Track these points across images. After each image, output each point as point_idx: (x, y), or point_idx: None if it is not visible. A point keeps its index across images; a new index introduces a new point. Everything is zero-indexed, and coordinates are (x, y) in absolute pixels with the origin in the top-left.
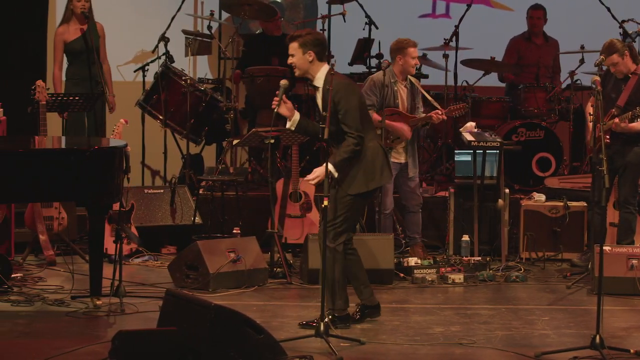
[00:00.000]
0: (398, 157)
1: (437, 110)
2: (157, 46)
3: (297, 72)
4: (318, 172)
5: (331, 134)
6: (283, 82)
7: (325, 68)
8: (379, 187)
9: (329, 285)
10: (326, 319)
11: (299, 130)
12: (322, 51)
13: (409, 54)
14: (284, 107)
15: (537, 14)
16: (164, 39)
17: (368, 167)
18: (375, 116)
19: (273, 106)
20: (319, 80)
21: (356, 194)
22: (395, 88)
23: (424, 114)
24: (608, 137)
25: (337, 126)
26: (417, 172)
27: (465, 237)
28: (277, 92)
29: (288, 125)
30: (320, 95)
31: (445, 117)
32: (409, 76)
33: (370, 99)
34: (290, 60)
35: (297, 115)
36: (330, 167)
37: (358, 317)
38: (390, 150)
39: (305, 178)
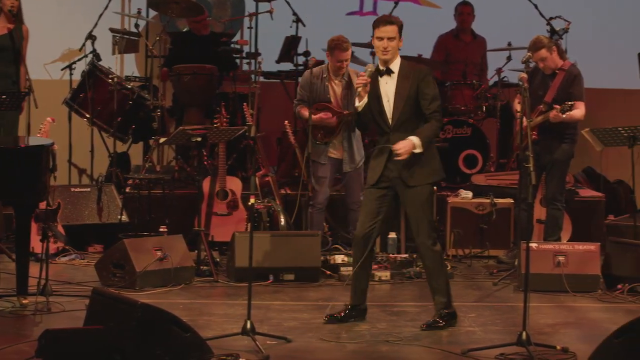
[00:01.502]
0: (335, 152)
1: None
2: (84, 44)
3: (386, 56)
4: (404, 144)
5: (401, 121)
6: (370, 66)
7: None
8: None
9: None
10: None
11: (363, 114)
12: None
13: (335, 55)
14: (365, 89)
15: (466, 10)
16: (91, 37)
17: (436, 158)
18: (303, 111)
19: (360, 84)
20: (396, 65)
21: (432, 182)
22: (327, 83)
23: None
24: (535, 133)
25: (409, 114)
26: (357, 168)
27: (392, 235)
28: (366, 72)
29: (357, 104)
30: (393, 81)
31: None
32: (350, 72)
33: (299, 94)
34: (387, 43)
35: (366, 98)
36: (417, 141)
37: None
38: (326, 145)
39: (394, 147)
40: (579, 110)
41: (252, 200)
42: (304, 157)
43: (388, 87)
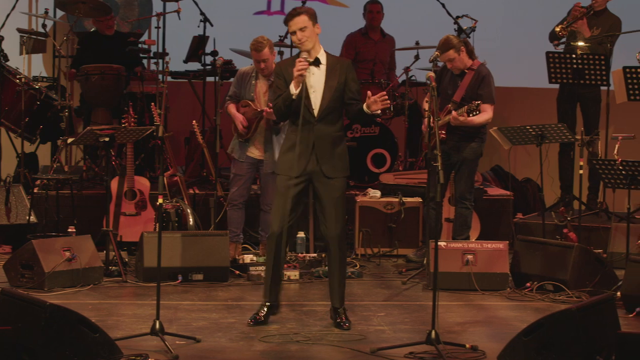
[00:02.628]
0: (254, 152)
1: (265, 108)
2: None
3: (305, 46)
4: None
5: (326, 112)
6: (305, 53)
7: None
8: None
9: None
10: None
11: (296, 102)
12: None
13: (253, 56)
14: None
15: (375, 8)
16: None
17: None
18: (229, 108)
19: (300, 70)
20: (323, 57)
21: (347, 176)
22: (254, 82)
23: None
24: (444, 132)
25: (334, 105)
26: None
27: (301, 234)
28: (302, 58)
29: (295, 91)
30: (321, 72)
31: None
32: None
33: (231, 90)
34: (301, 34)
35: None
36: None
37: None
38: (247, 144)
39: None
40: (481, 116)
41: (160, 200)
42: (212, 156)
43: (315, 77)
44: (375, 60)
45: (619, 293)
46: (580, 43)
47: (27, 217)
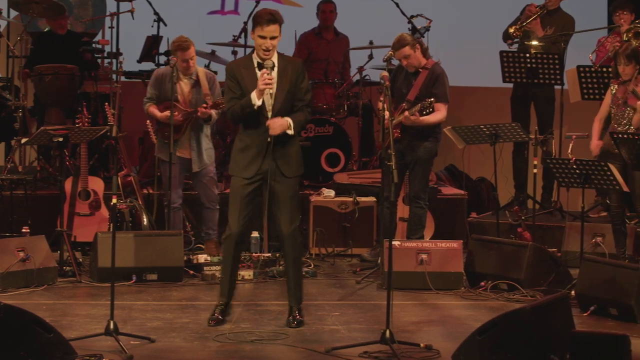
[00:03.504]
0: (182, 151)
1: (203, 105)
2: None
3: (269, 55)
4: (280, 122)
5: (279, 114)
6: (269, 62)
7: None
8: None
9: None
10: None
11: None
12: None
13: (179, 56)
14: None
15: (328, 7)
16: None
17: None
18: (152, 109)
19: (266, 83)
20: (275, 59)
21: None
22: (175, 82)
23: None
24: (398, 131)
25: (287, 107)
26: (208, 167)
27: (255, 234)
28: (267, 70)
29: (257, 102)
30: (274, 74)
31: (210, 112)
32: (199, 71)
33: (149, 92)
34: (272, 42)
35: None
36: (291, 122)
37: None
38: (176, 144)
39: (269, 123)
40: (435, 115)
41: (114, 200)
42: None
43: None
44: (329, 59)
45: (573, 292)
46: (534, 42)
47: None
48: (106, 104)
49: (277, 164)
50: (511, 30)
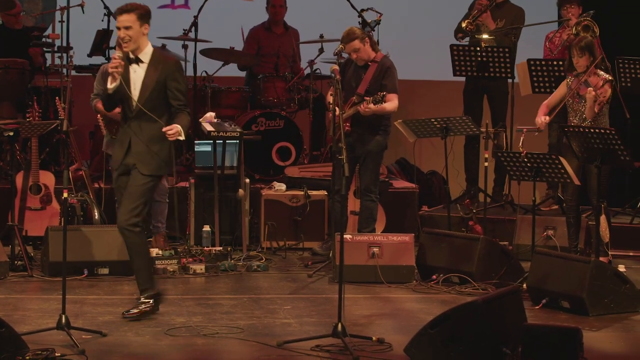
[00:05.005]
0: None
1: None
2: None
3: (128, 47)
4: (177, 128)
5: (144, 107)
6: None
7: (149, 44)
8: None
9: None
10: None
11: (112, 96)
12: None
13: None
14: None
15: (278, 2)
16: None
17: (168, 150)
18: (99, 105)
19: (113, 68)
20: (146, 55)
21: (157, 175)
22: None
23: None
24: (348, 125)
25: (156, 101)
26: None
27: (206, 228)
28: (116, 56)
29: (110, 86)
30: (142, 69)
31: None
32: None
33: (96, 88)
34: (125, 32)
35: (118, 81)
36: (180, 129)
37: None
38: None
39: (166, 129)
40: (391, 103)
41: (65, 195)
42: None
43: (136, 75)
44: (279, 53)
45: (524, 285)
46: (485, 36)
47: None
48: (57, 98)
49: (132, 160)
50: (464, 25)
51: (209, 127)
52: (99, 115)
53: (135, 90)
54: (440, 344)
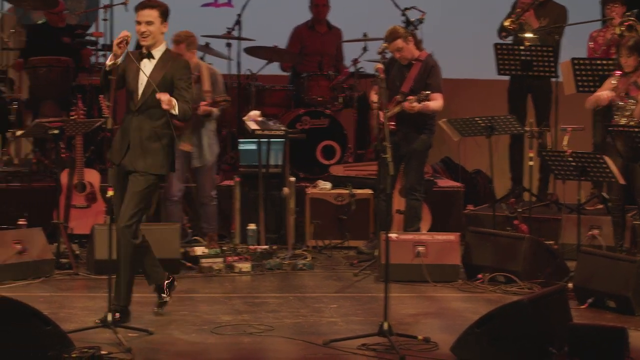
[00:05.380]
0: (183, 145)
1: (202, 102)
2: None
3: (146, 41)
4: (169, 97)
5: (146, 106)
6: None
7: (165, 43)
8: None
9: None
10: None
11: (108, 74)
12: None
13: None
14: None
15: (321, 1)
16: None
17: (170, 151)
18: None
19: (118, 41)
20: (158, 52)
21: (159, 174)
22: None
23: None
24: (393, 124)
25: (157, 102)
26: (207, 163)
27: (252, 226)
28: (123, 37)
29: (108, 63)
30: (151, 66)
31: (209, 109)
32: (201, 66)
33: None
34: (145, 27)
35: (118, 61)
36: (175, 102)
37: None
38: (178, 138)
39: (160, 95)
40: (436, 102)
41: (110, 193)
42: None
43: (146, 70)
44: (322, 52)
45: (570, 284)
46: (528, 35)
47: None
48: (101, 96)
49: (129, 157)
50: (506, 24)
51: (253, 126)
52: None
53: (142, 85)
54: (486, 343)
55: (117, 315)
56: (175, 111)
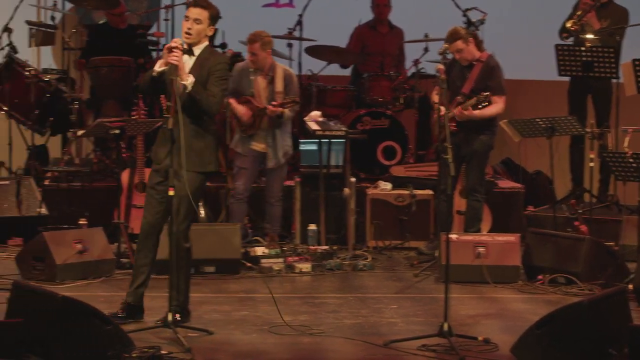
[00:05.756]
0: (258, 145)
1: (272, 102)
2: (0, 37)
3: (189, 39)
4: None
5: (184, 105)
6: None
7: (207, 43)
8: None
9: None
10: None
11: (156, 81)
12: None
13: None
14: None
15: (383, 1)
16: (7, 29)
17: (212, 146)
18: (231, 102)
19: (170, 58)
20: (199, 50)
21: (203, 172)
22: (252, 78)
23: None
24: (454, 124)
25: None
26: (281, 164)
27: (312, 226)
28: (177, 44)
29: (157, 69)
30: (190, 62)
31: (278, 110)
32: (277, 67)
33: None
34: (191, 24)
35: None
36: (191, 79)
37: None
38: (251, 138)
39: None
40: (494, 106)
41: (171, 192)
42: (222, 149)
43: (186, 67)
44: (384, 53)
45: (630, 286)
46: (589, 35)
47: (38, 210)
48: (162, 96)
49: (172, 156)
50: (568, 25)
51: (314, 126)
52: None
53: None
54: (546, 345)
55: (178, 316)
56: (190, 86)
